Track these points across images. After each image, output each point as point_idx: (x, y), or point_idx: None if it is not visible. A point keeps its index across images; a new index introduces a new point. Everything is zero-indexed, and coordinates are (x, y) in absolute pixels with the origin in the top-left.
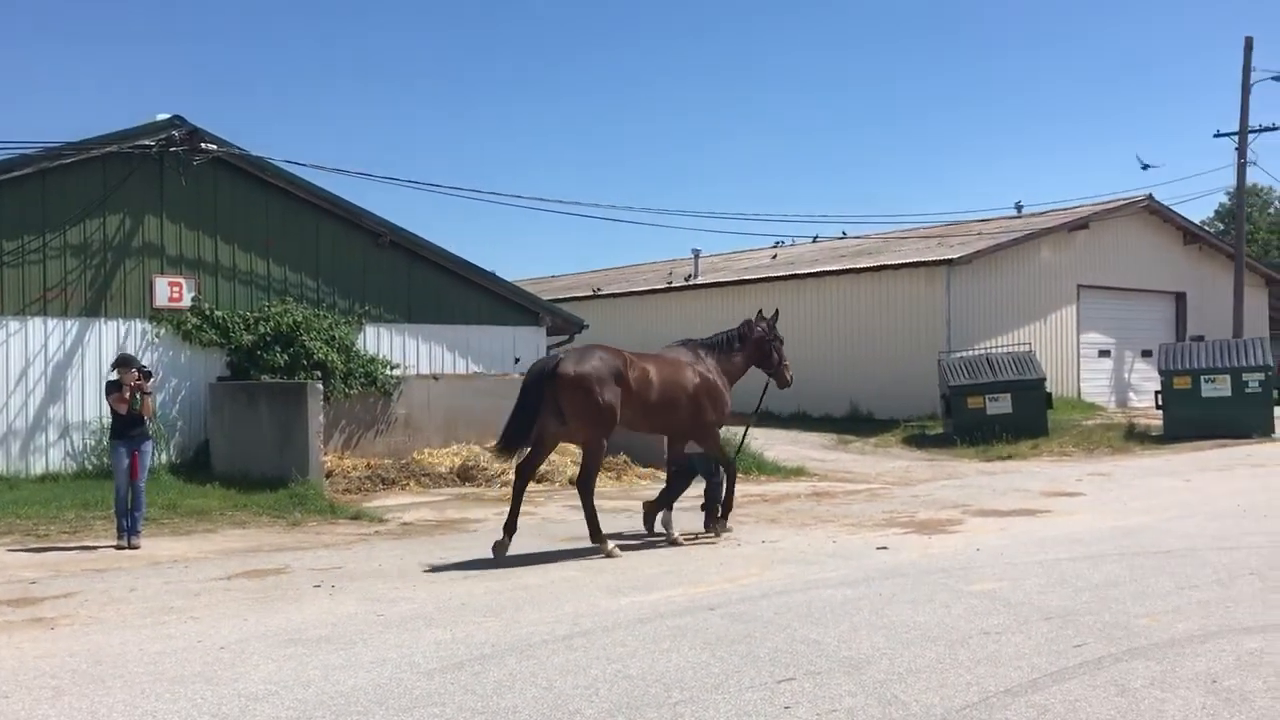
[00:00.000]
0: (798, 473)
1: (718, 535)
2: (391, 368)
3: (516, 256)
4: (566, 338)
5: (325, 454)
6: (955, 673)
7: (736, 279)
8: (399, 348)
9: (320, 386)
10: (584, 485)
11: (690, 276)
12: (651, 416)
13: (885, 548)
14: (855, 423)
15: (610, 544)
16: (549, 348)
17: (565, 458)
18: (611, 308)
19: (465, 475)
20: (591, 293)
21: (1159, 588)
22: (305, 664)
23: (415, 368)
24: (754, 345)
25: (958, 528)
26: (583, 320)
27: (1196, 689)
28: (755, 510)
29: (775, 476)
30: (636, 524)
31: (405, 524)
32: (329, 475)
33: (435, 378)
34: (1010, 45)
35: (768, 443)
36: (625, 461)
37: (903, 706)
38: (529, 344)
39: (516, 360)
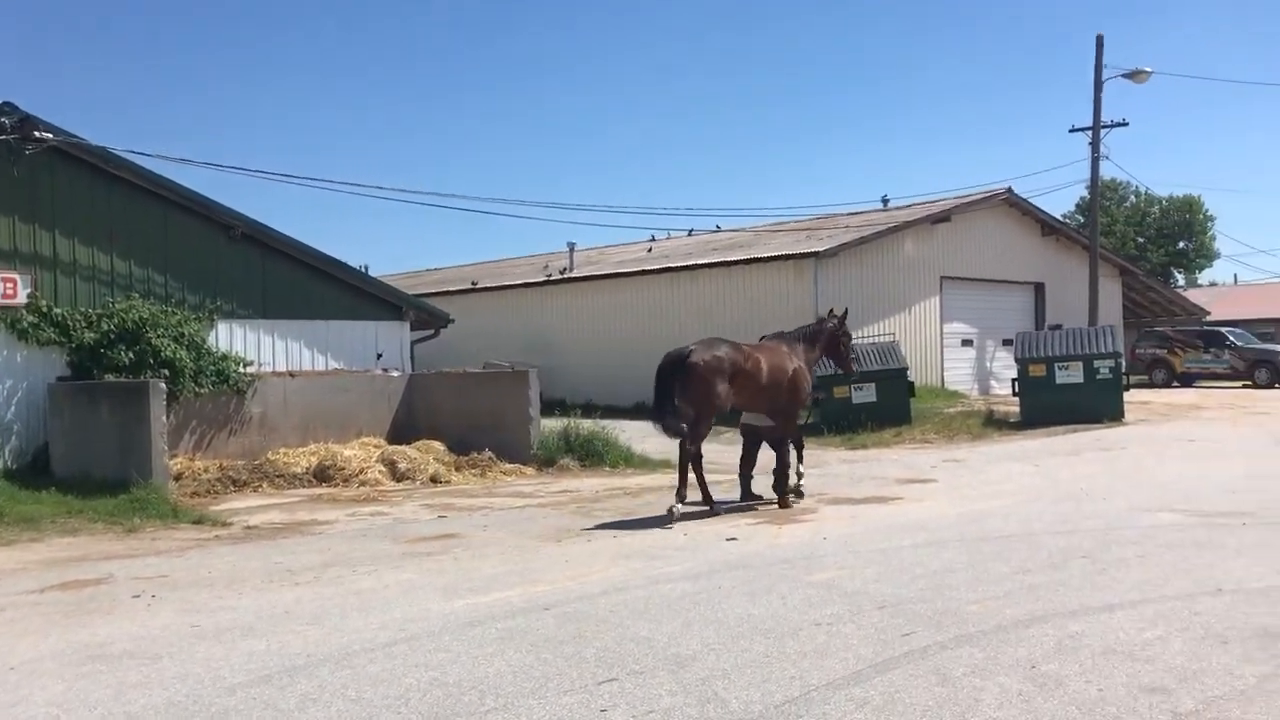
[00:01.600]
0: (664, 465)
1: (798, 499)
2: (245, 365)
3: (392, 251)
4: (432, 332)
5: (174, 456)
6: (780, 666)
7: (612, 272)
8: (254, 344)
9: (164, 385)
10: (693, 455)
11: (565, 270)
12: (759, 399)
13: (735, 539)
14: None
15: (722, 509)
16: (413, 343)
17: (427, 455)
18: (489, 301)
19: (322, 475)
20: (469, 286)
21: (994, 573)
22: (98, 683)
23: (271, 365)
24: (828, 338)
25: (810, 517)
26: (448, 315)
27: (1015, 675)
28: (614, 504)
29: (641, 469)
30: (459, 525)
31: (250, 527)
32: (178, 478)
33: (292, 375)
34: (881, 37)
35: (640, 435)
36: (490, 458)
37: (722, 704)
38: (392, 339)
39: (379, 356)
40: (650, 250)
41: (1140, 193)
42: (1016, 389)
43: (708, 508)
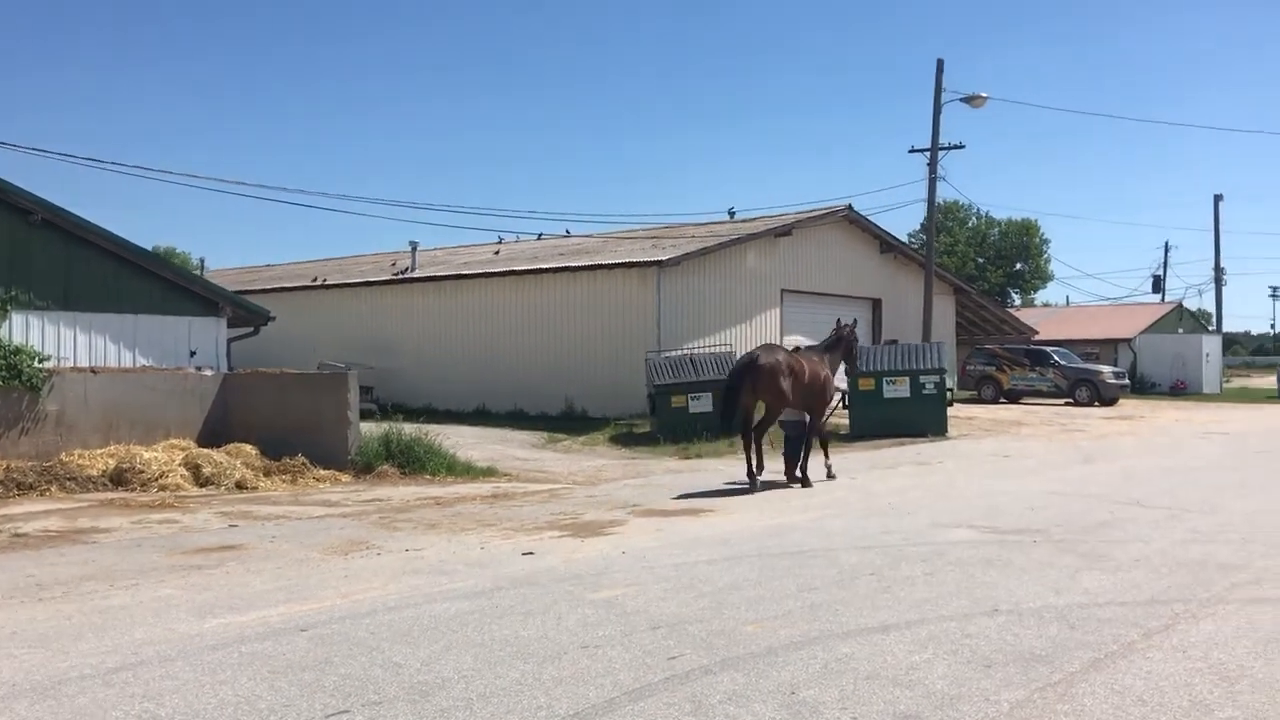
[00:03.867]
0: (488, 473)
1: (831, 478)
2: (42, 360)
3: (234, 248)
4: (251, 330)
5: None
6: (532, 695)
7: (455, 273)
8: (54, 338)
9: None
10: (759, 431)
11: (407, 270)
12: (802, 397)
13: (531, 553)
14: (570, 421)
15: (758, 482)
16: (229, 340)
17: (236, 460)
18: (331, 299)
19: (119, 479)
20: (309, 283)
21: (780, 590)
22: None
23: (73, 360)
24: (844, 347)
25: (616, 529)
26: (268, 312)
27: (772, 702)
28: (421, 515)
29: (464, 477)
30: (247, 536)
31: (18, 535)
32: None
33: (94, 371)
34: (735, 54)
35: (476, 441)
36: (304, 463)
37: None
38: (207, 336)
39: (193, 353)
40: (497, 253)
41: (981, 215)
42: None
43: (750, 479)
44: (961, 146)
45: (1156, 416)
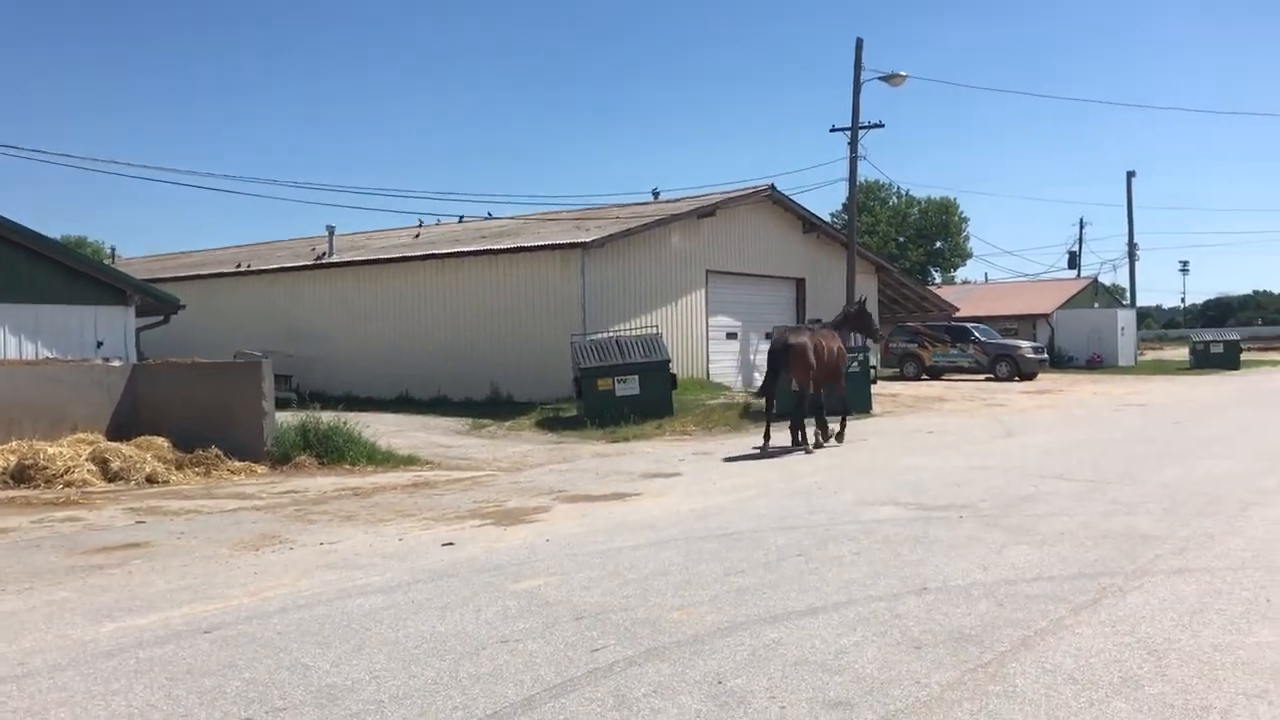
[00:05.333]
0: (409, 462)
1: (838, 442)
2: None
3: (150, 235)
4: (161, 319)
5: None
6: (447, 695)
7: (374, 258)
8: None
9: None
10: (814, 405)
11: (324, 255)
12: (824, 371)
13: (452, 543)
14: (495, 406)
15: (810, 446)
16: (139, 329)
17: (146, 453)
18: (249, 286)
19: (21, 476)
20: (226, 270)
21: (707, 575)
22: None
23: None
24: (854, 321)
25: (541, 516)
26: (178, 300)
27: (698, 693)
28: (338, 506)
29: (384, 467)
30: (154, 533)
31: None
32: None
33: None
34: (659, 36)
35: (397, 429)
36: (218, 455)
37: None
38: (114, 325)
39: (99, 344)
40: (417, 236)
41: (902, 194)
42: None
43: (801, 443)
44: (881, 125)
45: (1075, 390)
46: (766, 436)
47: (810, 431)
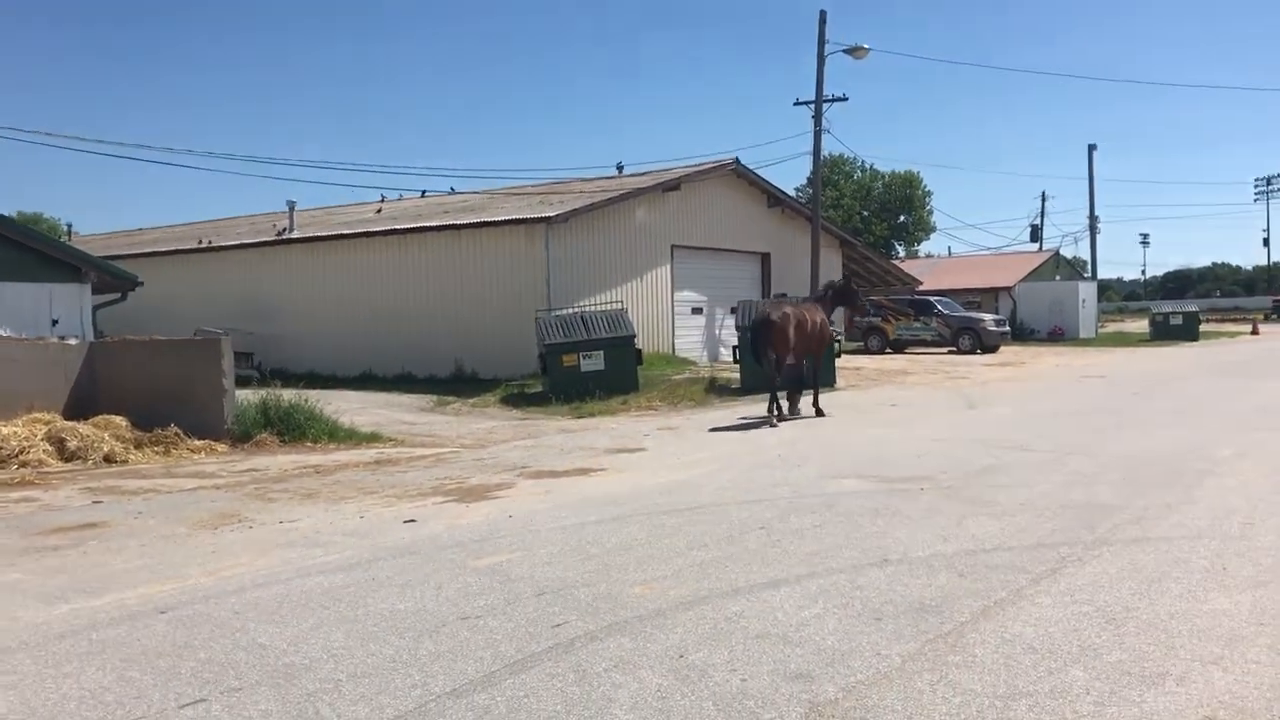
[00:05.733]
0: (372, 439)
1: (820, 414)
2: None
3: (107, 212)
4: (119, 296)
5: None
6: (405, 673)
7: (335, 233)
8: None
9: None
10: (792, 378)
11: (285, 231)
12: (806, 344)
13: (413, 520)
14: (460, 383)
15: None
16: (95, 307)
17: (104, 433)
18: (210, 263)
19: None
20: (185, 246)
21: (670, 549)
22: None
23: None
24: (835, 296)
25: (504, 492)
26: (135, 276)
27: (659, 668)
28: (299, 484)
29: (347, 444)
30: (111, 513)
31: None
32: None
33: None
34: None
35: (360, 406)
36: (178, 434)
37: None
38: (70, 303)
39: (55, 322)
40: (379, 211)
41: (866, 168)
42: (736, 355)
43: (776, 414)
44: (845, 99)
45: (1037, 362)
46: (772, 405)
47: (784, 404)
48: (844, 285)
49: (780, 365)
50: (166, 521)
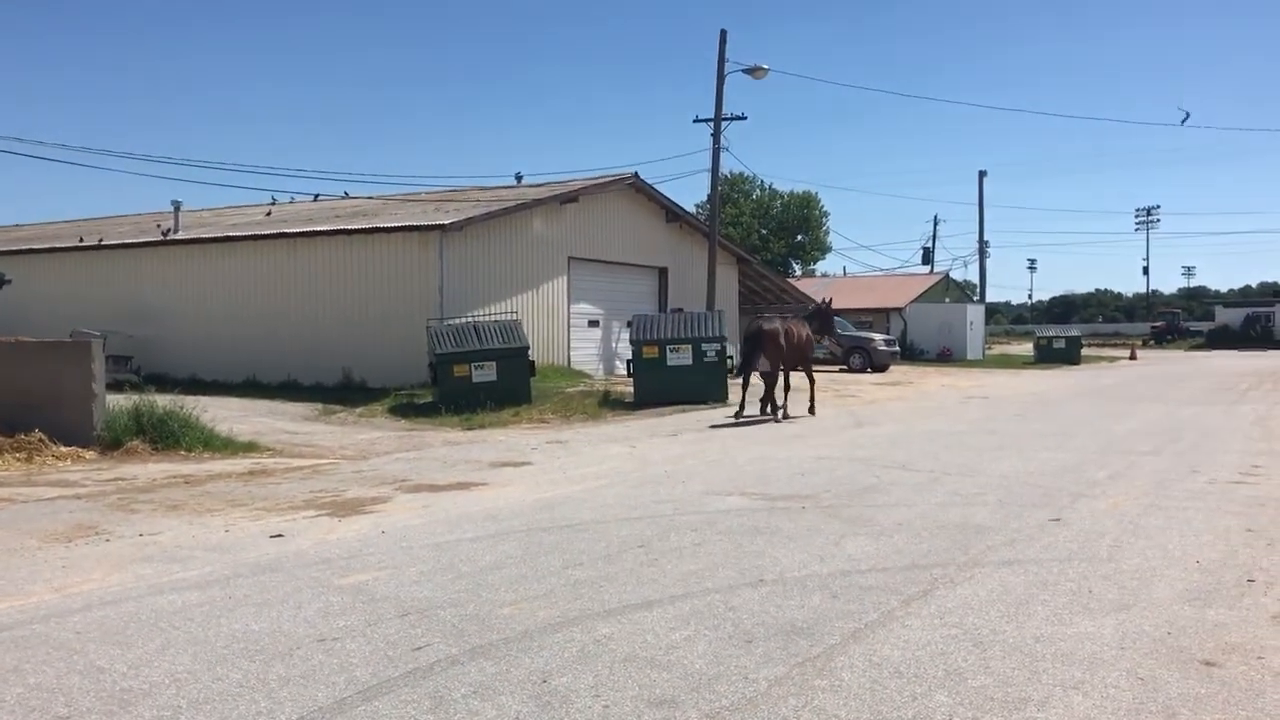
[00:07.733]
0: (249, 448)
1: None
2: None
3: None
4: None
5: None
6: (252, 699)
7: (222, 236)
8: None
9: None
10: (768, 381)
11: (169, 231)
12: (792, 356)
13: (281, 535)
14: (347, 391)
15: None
16: None
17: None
18: (89, 263)
19: None
20: (70, 244)
21: (545, 568)
22: None
23: None
24: (821, 317)
25: (380, 507)
26: (4, 274)
27: (521, 693)
28: (166, 495)
29: (222, 453)
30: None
31: None
32: None
33: None
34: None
35: (242, 414)
36: (43, 440)
37: None
38: None
39: None
40: (269, 214)
41: (765, 187)
42: (630, 370)
43: (771, 414)
44: (744, 118)
45: (924, 382)
46: (741, 406)
47: (751, 409)
48: (826, 309)
49: (773, 371)
50: (17, 533)
